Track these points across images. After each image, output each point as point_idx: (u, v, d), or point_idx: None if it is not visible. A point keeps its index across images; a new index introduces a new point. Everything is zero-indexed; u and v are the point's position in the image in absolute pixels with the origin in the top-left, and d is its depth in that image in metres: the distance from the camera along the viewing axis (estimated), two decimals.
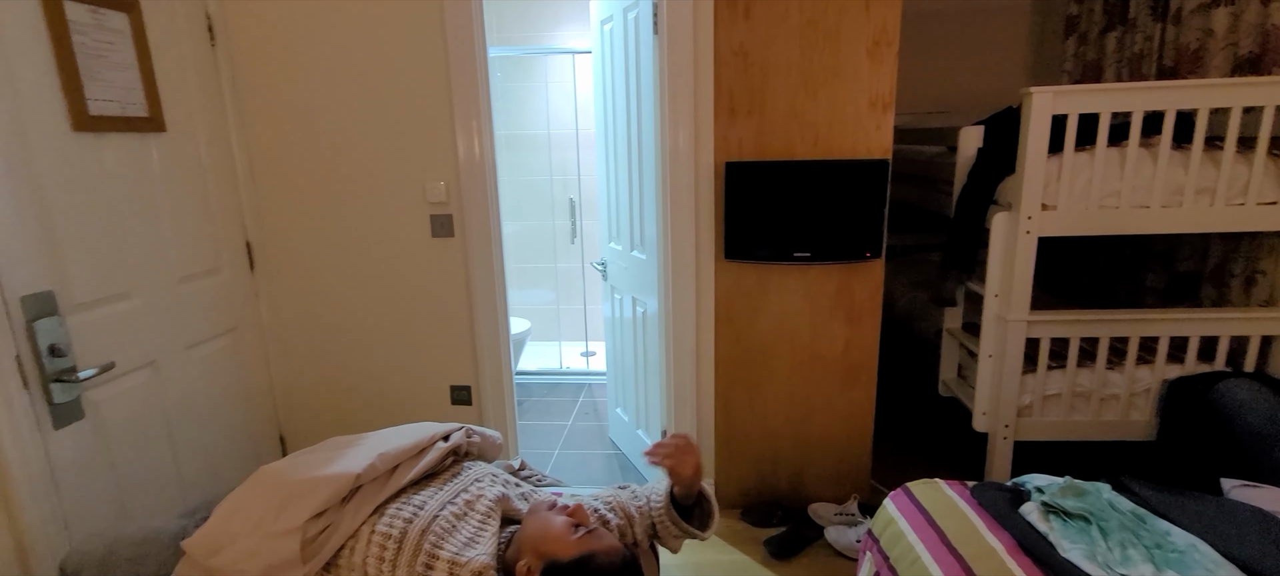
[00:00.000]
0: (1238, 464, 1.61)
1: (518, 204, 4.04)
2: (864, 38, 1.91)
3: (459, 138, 2.09)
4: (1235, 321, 1.98)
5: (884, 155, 2.00)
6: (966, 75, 3.18)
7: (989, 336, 2.09)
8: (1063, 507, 1.21)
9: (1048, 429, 2.13)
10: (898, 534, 1.35)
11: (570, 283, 4.12)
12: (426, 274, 2.26)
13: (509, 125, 3.92)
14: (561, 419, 3.25)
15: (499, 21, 3.77)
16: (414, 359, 2.36)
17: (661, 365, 2.29)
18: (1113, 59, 2.54)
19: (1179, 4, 2.21)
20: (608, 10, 2.34)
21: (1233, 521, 1.10)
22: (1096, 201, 1.92)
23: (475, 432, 1.37)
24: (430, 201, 2.18)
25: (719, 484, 2.39)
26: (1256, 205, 1.87)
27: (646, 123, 2.14)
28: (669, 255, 2.13)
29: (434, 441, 1.25)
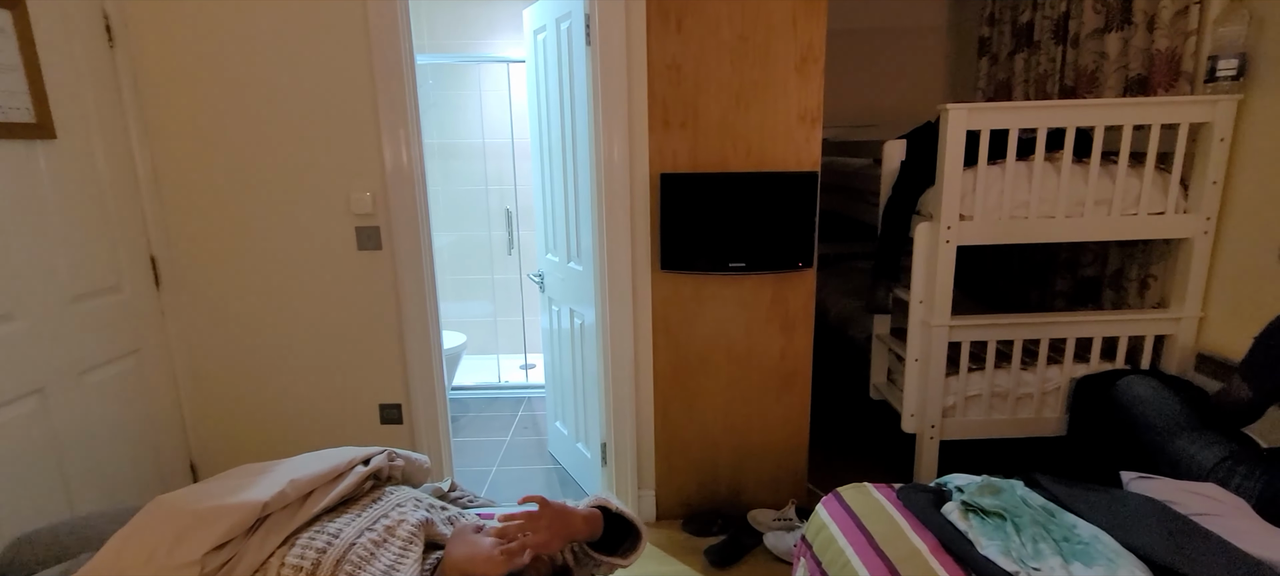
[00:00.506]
0: (1137, 456, 1.73)
1: (453, 214, 3.94)
2: (792, 54, 1.96)
3: (386, 146, 2.02)
4: (1132, 322, 2.13)
5: (813, 167, 2.05)
6: (891, 91, 3.33)
7: (915, 341, 2.18)
8: (980, 506, 1.27)
9: (970, 427, 2.24)
10: (829, 539, 1.38)
11: (508, 294, 4.05)
12: (352, 288, 2.17)
13: (442, 134, 3.83)
14: (500, 434, 3.17)
15: (430, 28, 3.68)
16: (340, 378, 2.25)
17: (600, 377, 2.27)
18: (1021, 78, 2.70)
19: (1077, 29, 2.38)
20: (541, 20, 2.32)
21: (1130, 512, 1.18)
22: (1008, 212, 2.03)
23: (398, 455, 1.31)
24: (355, 213, 2.09)
25: (660, 495, 2.39)
26: (1147, 215, 2.02)
27: (581, 133, 2.13)
28: (605, 266, 2.12)
29: (352, 465, 1.19)
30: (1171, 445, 1.58)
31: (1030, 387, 2.21)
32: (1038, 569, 1.10)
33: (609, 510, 1.27)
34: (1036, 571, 1.10)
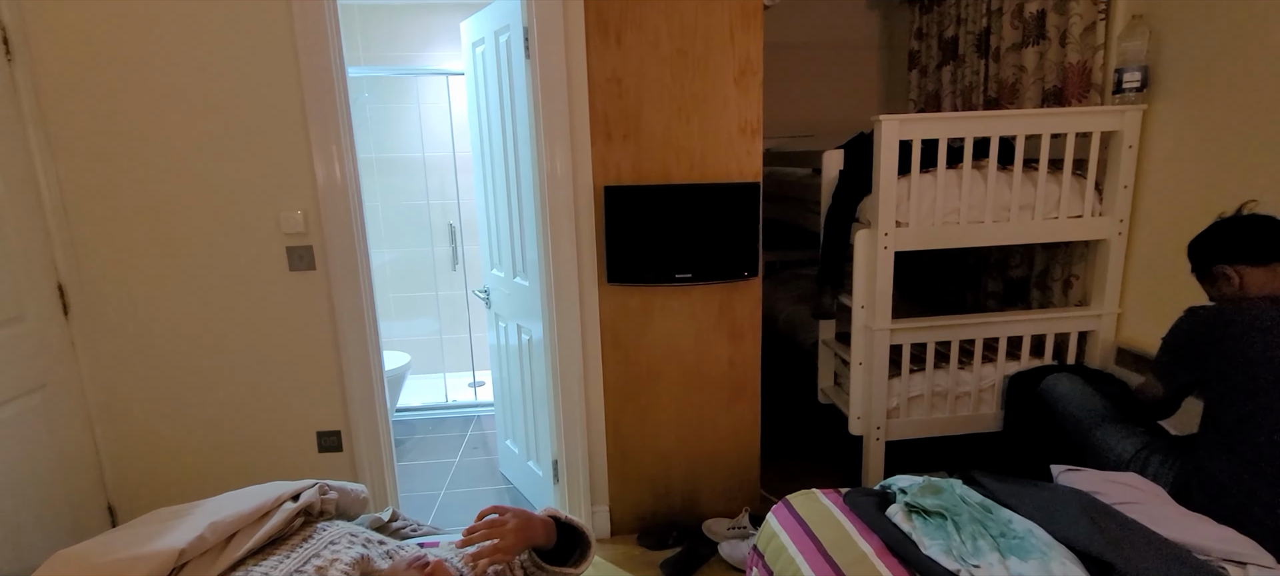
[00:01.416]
0: (1064, 447, 1.81)
1: (394, 230, 3.83)
2: (731, 67, 1.99)
3: (317, 162, 1.94)
4: (1057, 320, 2.25)
5: (755, 178, 2.08)
6: (829, 102, 3.42)
7: (858, 345, 2.23)
8: (923, 506, 1.30)
9: (913, 427, 2.30)
10: (780, 547, 1.39)
11: (454, 311, 3.95)
12: (284, 311, 2.06)
13: (381, 148, 3.72)
14: (448, 455, 3.08)
15: (366, 40, 3.58)
16: (273, 407, 2.14)
17: (549, 393, 2.23)
18: (948, 90, 2.83)
19: (997, 43, 2.50)
20: (479, 32, 2.28)
21: (1060, 505, 1.23)
22: (940, 218, 2.11)
23: (331, 487, 1.24)
24: (286, 232, 2.00)
25: (614, 510, 2.36)
26: (1067, 218, 2.14)
27: (523, 147, 2.10)
28: (551, 281, 2.09)
29: (280, 502, 1.12)
30: (1093, 436, 1.68)
31: (968, 386, 2.29)
32: (977, 566, 1.13)
33: (559, 520, 1.25)
34: (976, 568, 1.13)
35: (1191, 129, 1.90)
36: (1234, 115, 1.77)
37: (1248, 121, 1.74)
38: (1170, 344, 1.55)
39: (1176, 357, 1.52)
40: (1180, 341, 1.52)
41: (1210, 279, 1.55)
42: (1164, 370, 1.56)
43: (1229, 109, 1.79)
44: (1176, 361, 1.52)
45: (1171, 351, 1.55)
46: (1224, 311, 1.43)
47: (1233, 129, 1.78)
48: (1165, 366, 1.56)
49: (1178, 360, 1.52)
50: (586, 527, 1.24)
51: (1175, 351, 1.53)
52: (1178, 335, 1.53)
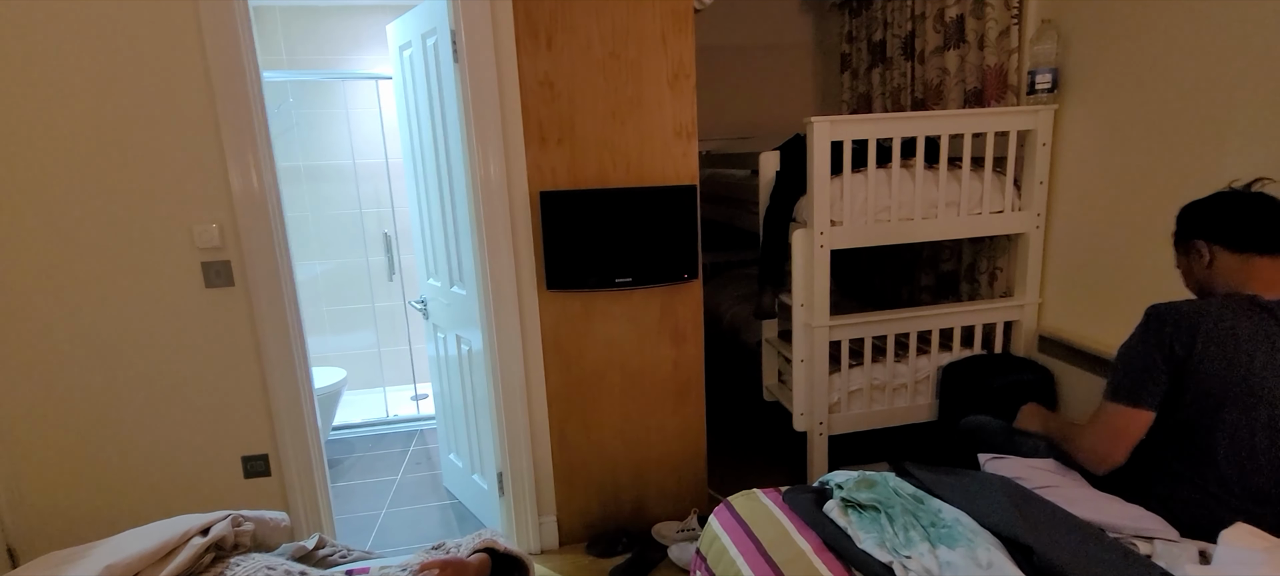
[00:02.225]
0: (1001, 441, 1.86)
1: (327, 241, 3.68)
2: (664, 70, 1.99)
3: (232, 172, 1.83)
4: (985, 312, 2.34)
5: (692, 181, 2.09)
6: (767, 104, 3.48)
7: (800, 342, 2.26)
8: (857, 500, 1.32)
9: (854, 421, 2.35)
10: (722, 549, 1.39)
11: (392, 322, 3.82)
12: (201, 330, 1.94)
13: (308, 156, 3.57)
14: (390, 473, 2.97)
15: (290, 43, 3.42)
16: (193, 432, 2.01)
17: (491, 404, 2.18)
18: (878, 92, 2.91)
19: (922, 46, 2.59)
20: (405, 35, 2.21)
21: (985, 492, 1.27)
22: (873, 216, 2.16)
23: (246, 518, 1.17)
24: (200, 247, 1.88)
25: (562, 519, 2.32)
26: (989, 214, 2.23)
27: (455, 152, 2.04)
28: (489, 289, 2.04)
29: (187, 538, 1.04)
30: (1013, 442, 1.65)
31: (904, 378, 2.36)
32: (909, 556, 1.16)
33: (496, 551, 1.22)
34: (908, 559, 1.15)
35: (1098, 127, 2.01)
36: (1135, 113, 1.89)
37: (1146, 119, 1.85)
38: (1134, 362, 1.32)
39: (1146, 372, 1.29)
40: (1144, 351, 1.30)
41: (1184, 250, 1.40)
42: (1133, 392, 1.31)
43: (1130, 107, 1.90)
44: (1147, 375, 1.29)
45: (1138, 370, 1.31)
46: (1181, 307, 1.28)
47: (1134, 126, 1.89)
48: (1134, 388, 1.31)
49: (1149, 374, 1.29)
50: (524, 555, 1.21)
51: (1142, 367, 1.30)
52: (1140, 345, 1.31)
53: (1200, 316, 1.27)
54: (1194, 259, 1.38)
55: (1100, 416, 1.37)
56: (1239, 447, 1.24)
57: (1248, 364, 1.22)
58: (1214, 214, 1.35)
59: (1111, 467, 1.35)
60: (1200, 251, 1.35)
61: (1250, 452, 1.23)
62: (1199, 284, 1.40)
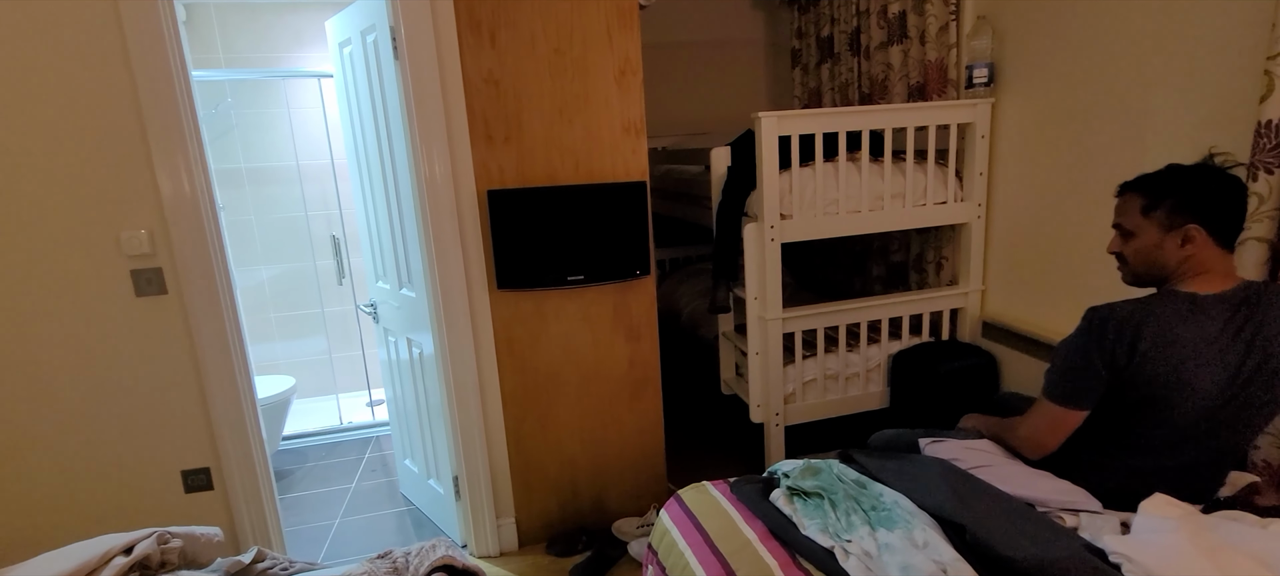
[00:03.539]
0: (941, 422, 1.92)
1: (272, 245, 3.56)
2: (610, 67, 1.98)
3: (161, 175, 1.76)
4: (931, 300, 2.40)
5: (642, 177, 2.09)
6: (720, 100, 3.50)
7: (754, 335, 2.29)
8: (802, 488, 1.34)
9: (810, 410, 2.39)
10: (671, 543, 1.39)
11: (344, 327, 3.73)
12: (133, 342, 1.86)
13: (252, 157, 3.45)
14: (344, 481, 2.90)
15: (226, 41, 3.30)
16: (127, 448, 1.92)
17: (444, 407, 2.14)
18: (828, 86, 2.96)
19: (867, 42, 2.64)
20: (345, 32, 2.15)
21: (923, 475, 1.31)
22: (822, 209, 2.20)
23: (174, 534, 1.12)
24: (129, 254, 1.80)
25: (521, 520, 2.30)
26: (933, 205, 2.29)
27: (399, 152, 2.00)
28: (438, 290, 2.01)
29: (108, 559, 0.99)
30: None
31: (856, 367, 2.41)
32: (850, 540, 1.19)
33: (455, 568, 1.20)
34: (849, 543, 1.18)
35: (1031, 120, 2.09)
36: (1064, 107, 1.96)
37: (1074, 112, 1.93)
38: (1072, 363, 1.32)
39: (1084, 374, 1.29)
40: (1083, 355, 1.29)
41: (1164, 227, 1.26)
42: (1072, 393, 1.31)
43: (1059, 101, 1.97)
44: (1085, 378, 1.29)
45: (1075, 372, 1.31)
46: (1122, 310, 1.26)
47: (1063, 119, 1.97)
48: (1073, 390, 1.31)
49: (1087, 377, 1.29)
50: (482, 569, 1.19)
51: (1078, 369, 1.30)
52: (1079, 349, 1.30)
53: (1143, 321, 1.23)
54: (1171, 238, 1.26)
55: (1038, 410, 1.39)
56: (1173, 435, 1.27)
57: (1188, 367, 1.22)
58: (1215, 199, 1.23)
59: (1045, 454, 1.38)
60: (1189, 235, 1.24)
61: (1181, 439, 1.27)
62: (1150, 265, 1.30)
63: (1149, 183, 1.31)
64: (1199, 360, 1.22)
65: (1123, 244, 1.35)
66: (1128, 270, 1.37)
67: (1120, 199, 1.37)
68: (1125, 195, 1.35)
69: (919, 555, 1.09)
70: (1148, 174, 1.33)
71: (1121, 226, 1.35)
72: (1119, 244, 1.37)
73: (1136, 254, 1.33)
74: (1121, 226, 1.35)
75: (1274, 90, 1.34)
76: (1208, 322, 1.23)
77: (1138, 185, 1.33)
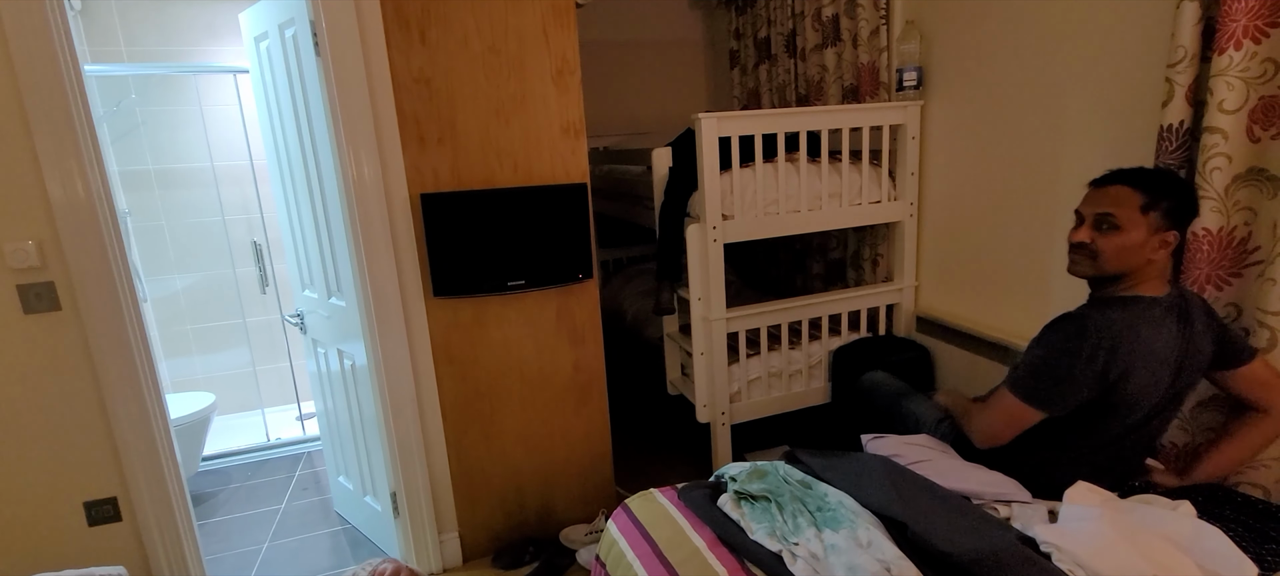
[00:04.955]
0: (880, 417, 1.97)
1: (187, 252, 3.32)
2: (547, 66, 1.93)
3: (50, 180, 1.59)
4: (868, 297, 2.47)
5: (582, 179, 2.05)
6: (661, 99, 3.50)
7: (699, 336, 2.29)
8: (750, 492, 1.34)
9: (755, 409, 2.41)
10: (619, 554, 1.37)
11: (269, 338, 3.51)
12: (22, 363, 1.68)
13: (161, 158, 3.20)
14: (273, 502, 2.74)
15: (128, 33, 3.05)
16: (18, 479, 1.74)
17: (380, 421, 2.04)
18: (766, 87, 3.00)
19: (803, 44, 2.69)
20: (260, 26, 2.01)
21: (866, 473, 1.33)
22: (763, 209, 2.22)
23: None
24: (14, 267, 1.62)
25: (464, 534, 2.22)
26: (868, 204, 2.35)
27: (324, 154, 1.88)
28: (370, 299, 1.91)
29: None
30: (901, 407, 1.78)
31: (799, 364, 2.44)
32: (797, 542, 1.19)
33: None
34: (796, 545, 1.18)
35: (958, 121, 2.17)
36: (987, 109, 2.05)
37: (997, 115, 2.01)
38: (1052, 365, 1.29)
39: (1062, 381, 1.27)
40: (1067, 360, 1.26)
41: (1155, 228, 1.25)
42: (1043, 396, 1.30)
43: (983, 104, 2.06)
44: (1063, 383, 1.27)
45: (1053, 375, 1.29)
46: (1116, 328, 1.25)
47: (987, 121, 2.05)
48: (1044, 393, 1.30)
49: (1065, 383, 1.27)
50: None
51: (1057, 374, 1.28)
52: (1064, 354, 1.27)
53: (1126, 334, 1.24)
54: (1155, 242, 1.25)
55: (998, 403, 1.37)
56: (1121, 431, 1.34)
57: (1159, 375, 1.27)
58: (1191, 210, 1.29)
59: (995, 446, 1.40)
60: (1167, 240, 1.26)
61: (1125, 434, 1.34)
62: (1126, 263, 1.28)
63: (1147, 180, 1.26)
64: (1165, 367, 1.28)
65: (1098, 236, 1.29)
66: (1092, 264, 1.31)
67: (1102, 190, 1.31)
68: (1115, 187, 1.28)
69: (864, 555, 1.10)
70: (1132, 169, 1.30)
71: (1110, 219, 1.27)
72: (1090, 235, 1.30)
73: (1118, 250, 1.27)
74: (1110, 219, 1.27)
75: (1174, 96, 1.43)
76: (1167, 330, 1.28)
77: (1131, 179, 1.27)
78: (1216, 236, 1.41)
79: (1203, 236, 1.42)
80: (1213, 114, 1.36)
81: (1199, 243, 1.43)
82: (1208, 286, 1.45)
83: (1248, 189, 1.39)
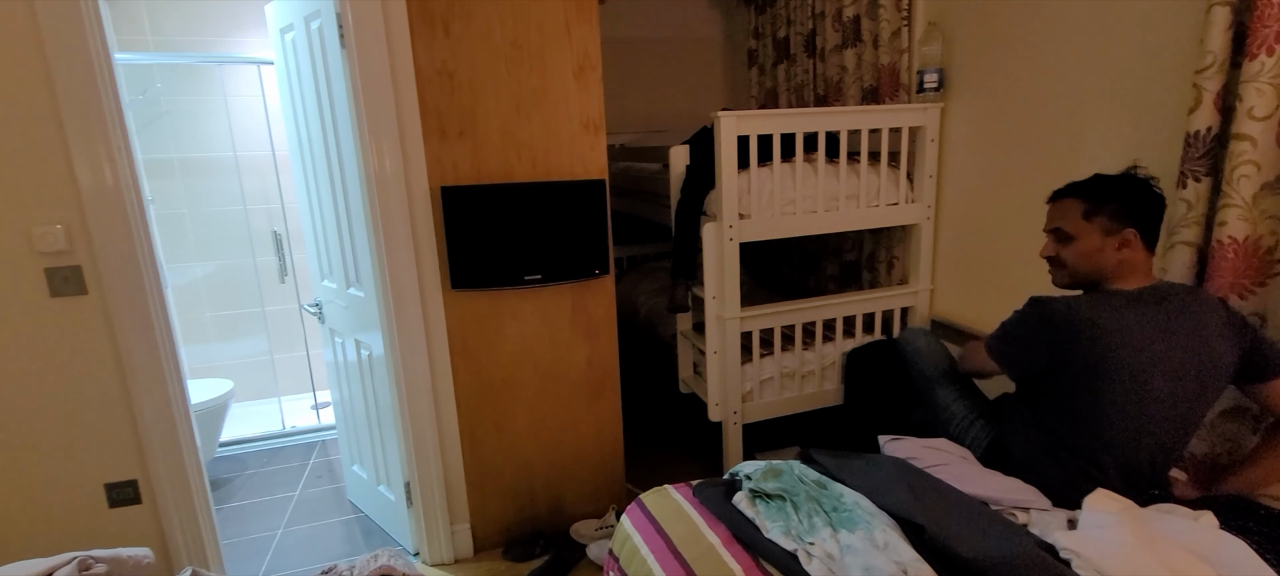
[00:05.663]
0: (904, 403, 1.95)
1: (208, 241, 3.36)
2: (569, 62, 1.94)
3: (79, 166, 1.62)
4: (883, 299, 2.46)
5: (601, 175, 2.06)
6: (679, 97, 3.50)
7: (712, 334, 2.29)
8: (765, 490, 1.34)
9: (767, 409, 2.41)
10: (633, 549, 1.37)
11: (287, 327, 3.55)
12: (49, 346, 1.71)
13: (184, 147, 3.24)
14: (287, 489, 2.77)
15: (155, 23, 3.09)
16: (42, 461, 1.77)
17: (395, 411, 2.06)
18: (784, 87, 2.99)
19: (823, 44, 2.68)
20: (286, 18, 2.03)
21: (882, 475, 1.33)
22: (779, 209, 2.21)
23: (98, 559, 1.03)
24: (42, 251, 1.65)
25: (476, 526, 2.24)
26: (886, 206, 2.34)
27: (347, 145, 1.90)
28: (388, 290, 1.92)
29: None
30: (934, 391, 1.79)
31: (812, 365, 2.44)
32: (813, 542, 1.19)
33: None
34: (811, 545, 1.18)
35: (978, 124, 2.16)
36: (1008, 111, 2.03)
37: (1018, 117, 2.00)
38: (1014, 333, 1.46)
39: (1020, 348, 1.45)
40: (1027, 332, 1.42)
41: (1105, 231, 1.36)
42: (1003, 357, 1.50)
43: (1005, 106, 2.04)
44: (1022, 353, 1.45)
45: (1014, 341, 1.46)
46: (1078, 310, 1.34)
47: (1008, 124, 2.04)
48: (1005, 354, 1.49)
49: (1023, 351, 1.44)
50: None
51: (1019, 341, 1.45)
52: (1024, 325, 1.43)
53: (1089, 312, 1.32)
54: (1111, 244, 1.36)
55: (977, 349, 1.62)
56: (1123, 423, 1.33)
57: (1142, 355, 1.29)
58: (1146, 205, 1.35)
59: None
60: (1126, 240, 1.34)
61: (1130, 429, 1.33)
62: (1090, 268, 1.39)
63: (1087, 189, 1.41)
64: (1145, 342, 1.30)
65: (1059, 248, 1.44)
66: (1063, 273, 1.46)
67: (1054, 205, 1.46)
68: (1061, 201, 1.45)
69: (880, 556, 1.10)
70: (1080, 181, 1.43)
71: (1061, 230, 1.43)
72: (1054, 248, 1.46)
73: (1078, 257, 1.41)
74: (1061, 230, 1.43)
75: (1202, 102, 1.41)
76: (1143, 310, 1.32)
77: (1075, 191, 1.43)
78: (1242, 245, 1.40)
79: (1228, 244, 1.40)
80: (1242, 121, 1.35)
81: (1224, 250, 1.41)
82: (1232, 294, 1.43)
83: (1276, 197, 1.37)
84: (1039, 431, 1.45)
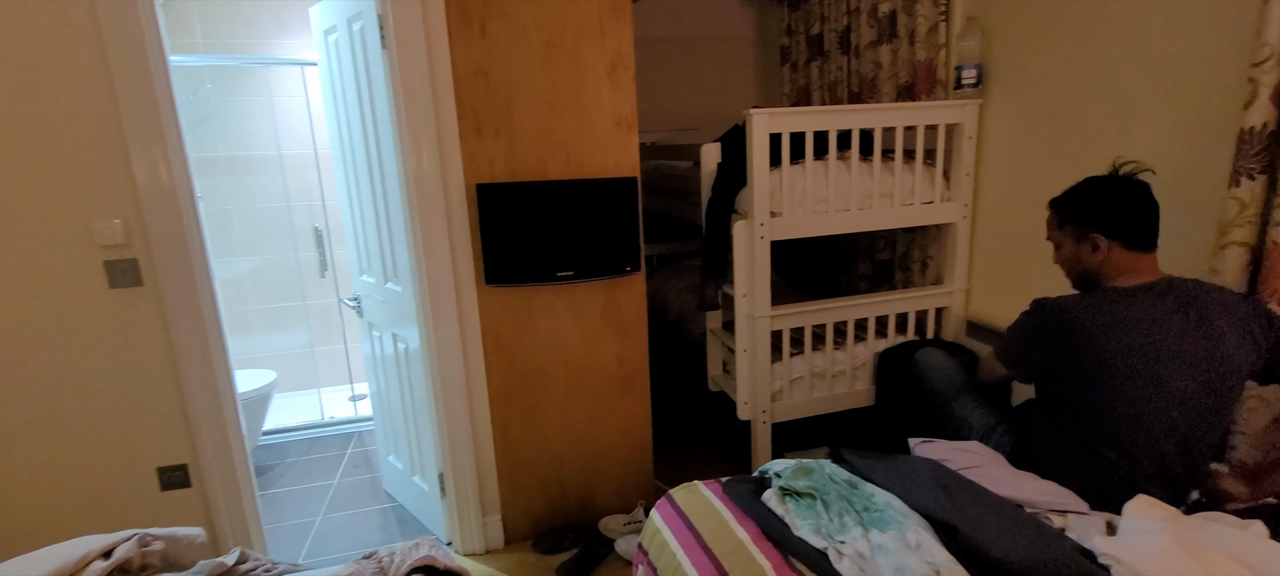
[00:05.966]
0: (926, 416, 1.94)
1: (252, 236, 3.48)
2: (602, 60, 1.96)
3: (136, 163, 1.70)
4: (917, 299, 2.42)
5: (633, 173, 2.07)
6: (710, 95, 3.49)
7: (742, 333, 2.28)
8: (795, 488, 1.34)
9: (796, 408, 2.40)
10: (662, 543, 1.39)
11: (326, 320, 3.66)
12: (106, 334, 1.80)
13: (231, 146, 3.36)
14: (326, 477, 2.86)
15: (206, 26, 3.21)
16: (100, 445, 1.87)
17: (430, 403, 2.11)
18: (816, 84, 2.96)
19: (857, 41, 2.65)
20: (330, 19, 2.09)
21: (914, 475, 1.32)
22: (811, 207, 2.20)
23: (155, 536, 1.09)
24: (102, 244, 1.74)
25: (507, 518, 2.28)
26: (921, 204, 2.30)
27: (386, 143, 1.96)
28: (425, 285, 1.97)
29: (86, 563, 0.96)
30: (952, 407, 1.79)
31: (843, 365, 2.41)
32: (843, 541, 1.19)
33: (436, 569, 1.18)
34: (842, 544, 1.18)
35: (1018, 121, 2.11)
36: (1050, 108, 1.98)
37: (1060, 113, 1.95)
38: (1017, 337, 1.54)
39: (1023, 350, 1.53)
40: (1028, 335, 1.50)
41: (1075, 238, 1.46)
42: (1010, 360, 1.58)
43: (1046, 102, 1.99)
44: (1023, 353, 1.53)
45: (1019, 344, 1.54)
46: (1070, 308, 1.41)
47: (1049, 120, 1.99)
48: (1011, 356, 1.57)
49: (1025, 351, 1.52)
50: (465, 570, 1.17)
51: (1022, 344, 1.52)
52: (1025, 329, 1.51)
53: (1083, 309, 1.40)
54: (1085, 249, 1.45)
55: (990, 358, 1.69)
56: (1135, 416, 1.33)
57: (1126, 342, 1.33)
58: (1112, 208, 1.41)
59: None
60: (1095, 244, 1.42)
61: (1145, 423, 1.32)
62: (1085, 271, 1.48)
63: (1059, 199, 1.53)
64: (1143, 334, 1.33)
65: (1055, 254, 1.57)
66: (1067, 275, 1.57)
67: (1047, 217, 1.58)
68: (1048, 214, 1.57)
69: (912, 556, 1.09)
70: (1064, 191, 1.53)
71: (1050, 239, 1.57)
72: (1053, 253, 1.58)
73: (1063, 262, 1.54)
74: (1050, 239, 1.57)
75: (1258, 97, 1.36)
76: (1140, 304, 1.35)
77: (1052, 204, 1.55)
78: None
79: None
80: None
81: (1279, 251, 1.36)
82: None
83: None
84: (1057, 431, 1.45)
